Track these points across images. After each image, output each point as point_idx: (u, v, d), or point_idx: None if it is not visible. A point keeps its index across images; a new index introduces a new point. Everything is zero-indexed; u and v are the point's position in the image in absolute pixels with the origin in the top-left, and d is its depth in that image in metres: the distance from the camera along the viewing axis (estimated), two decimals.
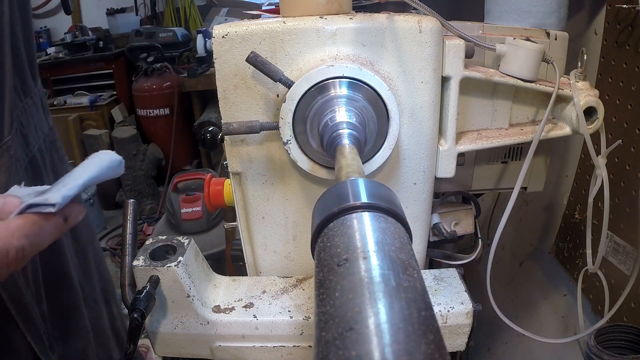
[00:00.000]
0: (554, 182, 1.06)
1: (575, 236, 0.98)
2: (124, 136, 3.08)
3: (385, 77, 0.55)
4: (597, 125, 0.63)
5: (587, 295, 0.91)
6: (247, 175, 0.60)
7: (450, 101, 0.58)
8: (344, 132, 0.47)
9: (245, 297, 0.59)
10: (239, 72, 0.55)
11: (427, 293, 0.26)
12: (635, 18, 0.75)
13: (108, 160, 0.49)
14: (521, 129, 0.65)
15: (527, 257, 1.24)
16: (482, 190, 0.76)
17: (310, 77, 0.51)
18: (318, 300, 0.27)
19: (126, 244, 0.55)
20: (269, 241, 0.65)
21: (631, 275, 0.76)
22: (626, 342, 0.78)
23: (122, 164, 0.50)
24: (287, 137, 0.53)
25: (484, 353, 1.35)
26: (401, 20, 0.53)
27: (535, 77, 0.61)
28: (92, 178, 0.47)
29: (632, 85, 0.77)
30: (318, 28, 0.53)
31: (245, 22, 0.55)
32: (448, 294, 0.56)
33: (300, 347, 0.56)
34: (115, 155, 0.50)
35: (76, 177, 0.46)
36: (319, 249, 0.32)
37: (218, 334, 0.57)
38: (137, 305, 0.50)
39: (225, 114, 0.57)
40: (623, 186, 0.81)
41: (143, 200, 3.20)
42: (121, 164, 0.50)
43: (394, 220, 0.32)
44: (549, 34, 0.67)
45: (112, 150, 0.51)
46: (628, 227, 0.81)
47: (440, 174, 0.61)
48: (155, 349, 0.60)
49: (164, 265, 0.53)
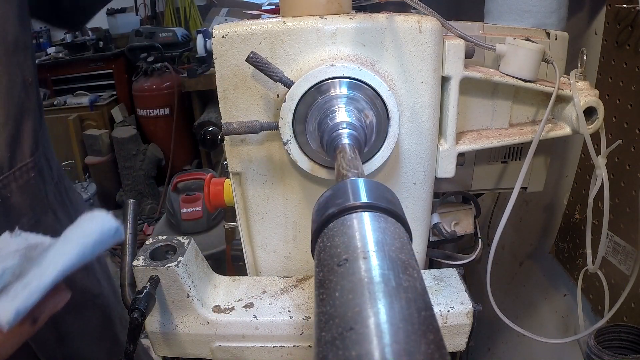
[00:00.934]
0: (554, 182, 1.06)
1: (575, 236, 0.98)
2: (124, 136, 3.08)
3: (385, 77, 0.55)
4: (597, 125, 0.63)
5: (587, 295, 0.91)
6: (247, 175, 0.60)
7: (450, 101, 0.58)
8: (344, 132, 0.47)
9: (245, 297, 0.59)
10: (239, 72, 0.55)
11: (427, 293, 0.26)
12: (635, 18, 0.75)
13: (98, 231, 0.40)
14: (521, 129, 0.65)
15: (527, 257, 1.24)
16: (482, 190, 0.76)
17: (310, 77, 0.51)
18: (318, 300, 0.27)
19: (126, 244, 0.55)
20: (269, 241, 0.65)
21: (631, 275, 0.76)
22: (626, 342, 0.78)
23: (119, 232, 0.42)
24: (287, 137, 0.53)
25: (484, 353, 1.35)
26: (401, 20, 0.53)
27: (535, 77, 0.61)
28: (74, 262, 0.38)
29: (632, 85, 0.77)
30: (318, 28, 0.53)
31: (245, 22, 0.55)
32: (448, 294, 0.56)
33: (300, 347, 0.56)
34: (109, 221, 0.41)
35: (49, 265, 0.38)
36: (319, 249, 0.32)
37: (218, 334, 0.57)
38: (137, 305, 0.49)
39: (225, 114, 0.57)
40: (623, 186, 0.81)
41: (143, 200, 3.20)
42: (117, 231, 0.41)
43: (394, 220, 0.32)
44: (549, 34, 0.67)
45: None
46: (628, 227, 0.81)
47: (440, 174, 0.61)
48: (155, 349, 0.60)
49: (164, 265, 0.53)
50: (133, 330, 0.50)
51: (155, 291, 0.53)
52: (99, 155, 3.14)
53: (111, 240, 0.41)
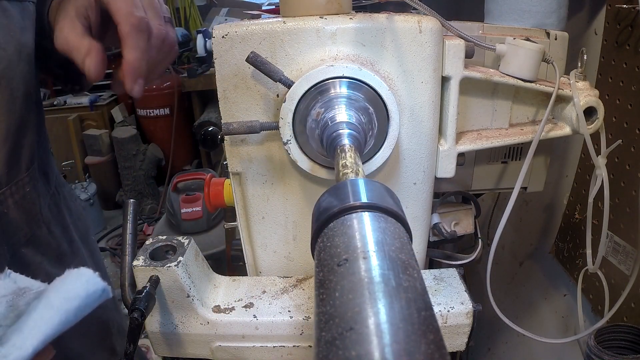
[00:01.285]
0: (554, 182, 1.06)
1: (575, 236, 0.98)
2: (124, 136, 3.08)
3: (385, 77, 0.55)
4: (597, 125, 0.63)
5: (587, 295, 0.91)
6: (247, 175, 0.60)
7: (450, 101, 0.58)
8: (344, 132, 0.47)
9: (245, 297, 0.59)
10: (239, 72, 0.55)
11: (427, 293, 0.26)
12: (635, 18, 0.75)
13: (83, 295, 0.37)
14: (521, 129, 0.65)
15: (527, 257, 1.24)
16: (482, 190, 0.76)
17: (310, 77, 0.51)
18: (318, 300, 0.27)
19: (126, 244, 0.55)
20: (269, 241, 0.65)
21: (631, 275, 0.76)
22: (626, 342, 0.78)
23: (105, 292, 0.39)
24: (287, 137, 0.53)
25: (484, 353, 1.35)
26: (401, 20, 0.53)
27: (535, 77, 0.61)
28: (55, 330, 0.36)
29: (632, 85, 0.77)
30: (318, 28, 0.53)
31: (245, 22, 0.55)
32: (448, 294, 0.56)
33: (300, 347, 0.56)
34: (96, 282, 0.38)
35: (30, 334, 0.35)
36: (319, 249, 0.32)
37: (218, 334, 0.57)
38: (137, 305, 0.49)
39: (225, 114, 0.57)
40: (623, 186, 0.81)
41: (143, 200, 3.20)
42: (104, 292, 0.39)
43: (394, 220, 0.32)
44: (549, 34, 0.67)
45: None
46: (628, 227, 0.81)
47: (440, 174, 0.61)
48: (155, 349, 0.60)
49: (164, 265, 0.53)
50: (133, 330, 0.50)
51: (155, 291, 0.53)
52: (99, 155, 3.14)
53: (97, 303, 0.39)
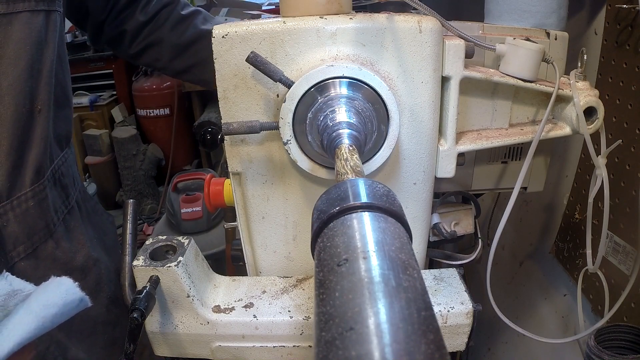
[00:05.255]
0: (554, 182, 1.06)
1: (575, 236, 0.98)
2: (124, 136, 3.08)
3: (385, 77, 0.55)
4: (597, 125, 0.63)
5: (587, 295, 0.91)
6: (247, 175, 0.60)
7: (450, 101, 0.58)
8: (344, 132, 0.47)
9: (245, 297, 0.59)
10: (239, 72, 0.55)
11: (427, 293, 0.26)
12: (635, 18, 0.75)
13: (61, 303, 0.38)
14: (521, 129, 0.65)
15: (527, 257, 1.24)
16: (482, 190, 0.76)
17: (310, 77, 0.51)
18: (318, 300, 0.27)
19: (126, 244, 0.55)
20: (269, 241, 0.65)
21: (631, 275, 0.76)
22: (626, 342, 0.78)
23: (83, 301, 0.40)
24: (287, 137, 0.53)
25: (484, 353, 1.35)
26: (401, 20, 0.53)
27: (535, 77, 0.61)
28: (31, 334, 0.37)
29: (632, 85, 0.77)
30: (318, 28, 0.53)
31: (245, 22, 0.55)
32: (448, 294, 0.56)
33: (300, 347, 0.57)
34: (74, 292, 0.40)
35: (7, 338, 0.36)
36: (319, 249, 0.32)
37: (218, 334, 0.57)
38: (137, 305, 0.49)
39: (225, 114, 0.57)
40: (623, 186, 0.81)
41: (143, 200, 3.20)
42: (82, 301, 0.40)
43: (394, 220, 0.32)
44: (549, 34, 0.67)
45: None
46: (628, 227, 0.81)
47: (440, 174, 0.61)
48: (155, 349, 0.60)
49: (164, 265, 0.53)
50: (133, 330, 0.50)
51: (155, 291, 0.53)
52: (99, 155, 3.14)
53: (74, 311, 0.41)
